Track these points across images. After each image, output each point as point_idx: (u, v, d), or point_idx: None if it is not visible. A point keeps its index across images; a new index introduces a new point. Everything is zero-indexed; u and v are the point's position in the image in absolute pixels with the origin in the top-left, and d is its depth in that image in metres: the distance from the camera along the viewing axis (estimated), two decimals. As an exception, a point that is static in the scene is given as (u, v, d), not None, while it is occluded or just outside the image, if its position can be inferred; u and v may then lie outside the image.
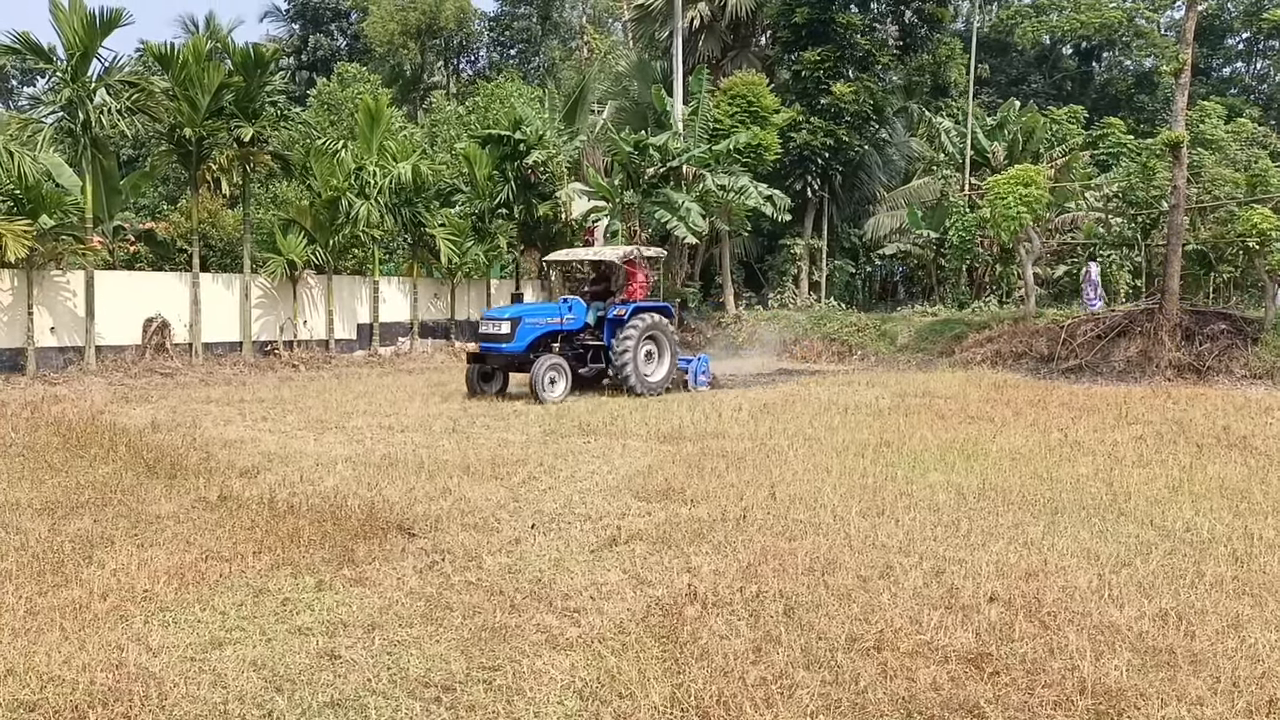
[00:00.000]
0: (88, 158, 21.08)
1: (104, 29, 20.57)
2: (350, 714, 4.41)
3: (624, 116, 32.72)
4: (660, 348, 18.05)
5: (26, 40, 21.05)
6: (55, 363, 20.61)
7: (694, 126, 28.53)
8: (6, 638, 5.15)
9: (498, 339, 16.96)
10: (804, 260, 33.91)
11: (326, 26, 54.05)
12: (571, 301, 17.92)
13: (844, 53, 32.34)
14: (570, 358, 17.45)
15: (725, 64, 35.20)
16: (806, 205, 33.35)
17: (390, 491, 8.92)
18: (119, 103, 20.94)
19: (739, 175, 27.58)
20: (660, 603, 5.83)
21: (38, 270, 20.30)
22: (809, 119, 31.94)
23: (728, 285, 32.26)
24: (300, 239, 24.11)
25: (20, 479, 9.35)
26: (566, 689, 4.65)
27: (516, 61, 56.67)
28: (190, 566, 6.46)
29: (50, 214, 20.02)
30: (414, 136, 32.35)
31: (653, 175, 27.44)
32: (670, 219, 26.23)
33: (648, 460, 10.63)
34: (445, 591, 6.09)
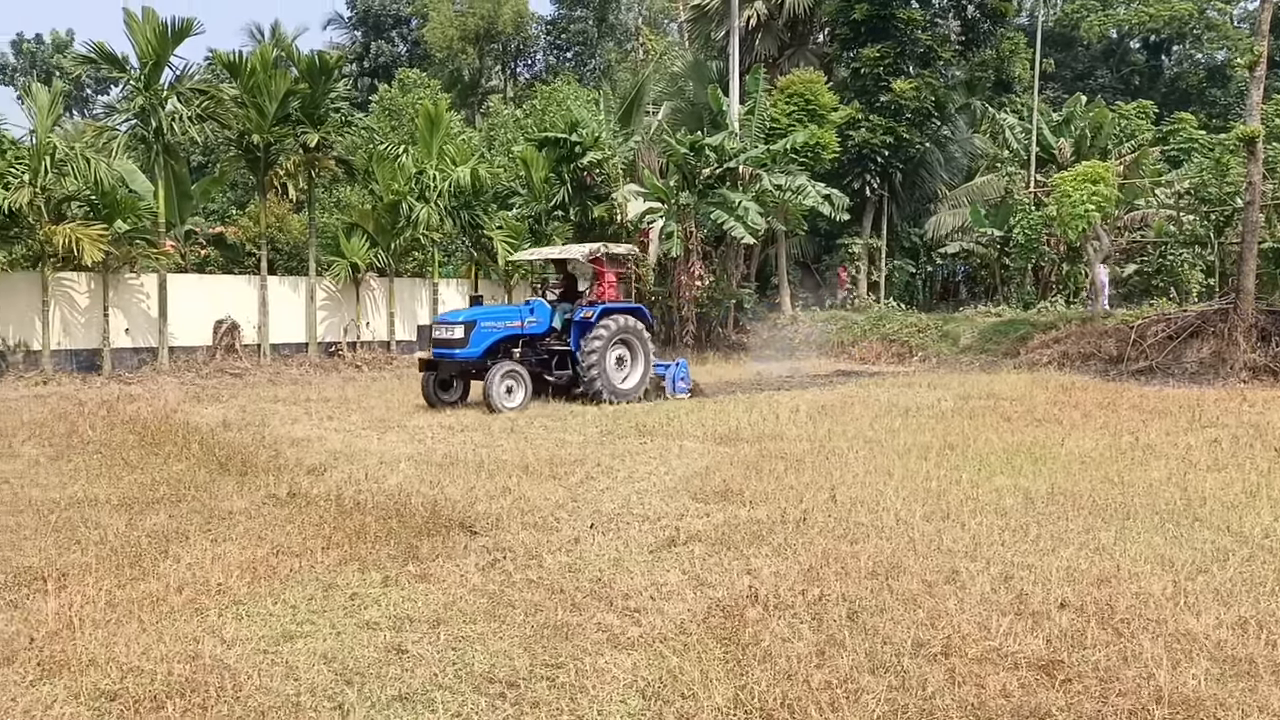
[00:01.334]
0: (160, 164, 21.65)
1: (175, 38, 21.11)
2: (418, 708, 4.50)
3: (680, 117, 32.71)
4: (633, 353, 16.91)
5: (102, 50, 21.69)
6: (130, 363, 21.18)
7: (750, 126, 28.45)
8: (88, 629, 5.32)
9: (450, 344, 15.80)
10: (862, 260, 33.64)
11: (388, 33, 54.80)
12: (534, 303, 16.92)
13: (904, 49, 32.02)
14: (534, 364, 16.47)
15: (782, 62, 35.04)
16: (865, 204, 33.08)
17: (452, 490, 9.04)
18: (189, 110, 21.48)
19: (796, 174, 27.44)
20: (721, 604, 5.84)
21: (113, 274, 20.91)
22: (868, 116, 31.68)
23: (784, 286, 32.10)
24: (363, 242, 24.51)
25: (99, 475, 9.65)
26: (629, 688, 4.69)
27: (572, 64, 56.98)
28: (262, 561, 6.62)
29: (125, 219, 20.60)
30: (472, 140, 32.67)
31: (709, 176, 27.40)
32: (726, 219, 26.17)
33: (705, 461, 10.63)
34: (507, 589, 6.16)
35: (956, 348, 26.48)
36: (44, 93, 21.42)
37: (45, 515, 7.99)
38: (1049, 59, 45.92)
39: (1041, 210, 27.49)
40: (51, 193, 19.56)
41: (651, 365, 17.17)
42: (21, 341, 20.10)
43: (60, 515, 7.98)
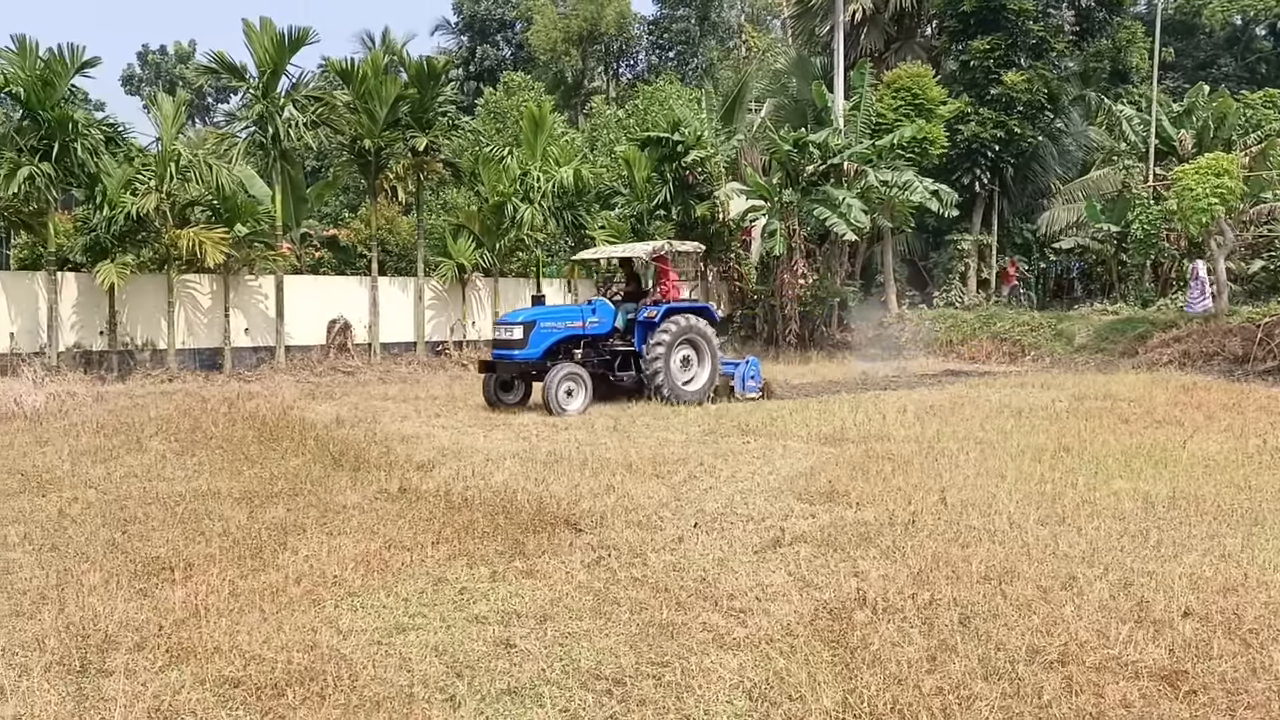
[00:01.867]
0: (277, 169, 22.43)
1: (292, 47, 21.82)
2: (526, 702, 4.56)
3: (782, 114, 32.45)
4: (699, 353, 16.50)
5: (222, 60, 22.58)
6: (249, 361, 22.00)
7: (855, 122, 28.06)
8: (213, 617, 5.54)
9: (510, 345, 15.54)
10: (972, 257, 32.85)
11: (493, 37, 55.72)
12: (597, 303, 16.61)
13: (1015, 40, 31.14)
14: (596, 365, 16.09)
15: (888, 57, 34.49)
16: (975, 200, 32.30)
17: (556, 487, 9.14)
18: (305, 116, 22.19)
19: (903, 170, 26.96)
20: (828, 606, 5.77)
21: (233, 275, 21.75)
22: (978, 110, 30.91)
23: (890, 284, 31.56)
24: (469, 243, 24.98)
25: (221, 469, 10.05)
26: (735, 688, 4.67)
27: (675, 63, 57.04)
28: (375, 554, 6.80)
29: (244, 222, 21.40)
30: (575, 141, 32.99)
31: (812, 173, 27.12)
32: (830, 216, 25.86)
33: (810, 462, 10.53)
34: (612, 587, 6.20)
35: (1071, 347, 25.68)
36: (168, 102, 22.38)
37: (172, 507, 8.35)
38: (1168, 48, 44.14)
39: (1161, 204, 26.42)
40: (176, 198, 20.42)
41: (718, 365, 16.77)
42: (149, 341, 21.05)
43: (186, 507, 8.33)
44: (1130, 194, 29.87)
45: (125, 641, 5.17)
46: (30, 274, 20.59)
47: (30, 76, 18.90)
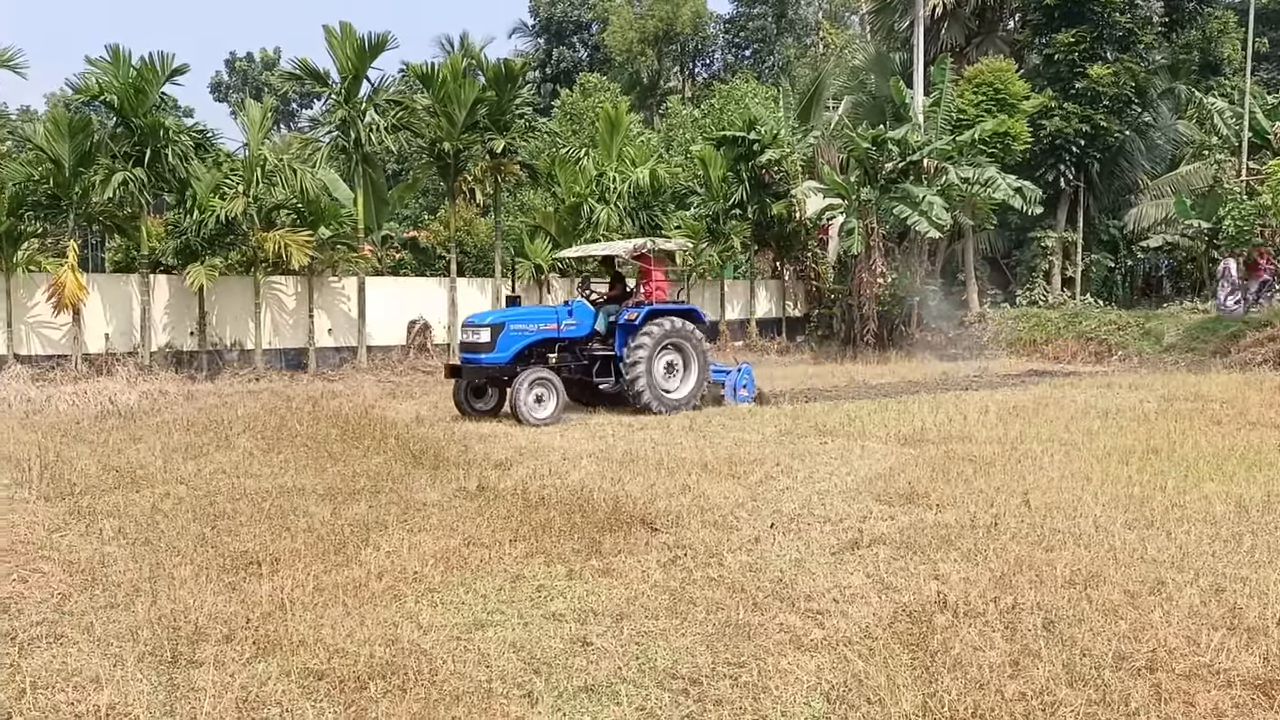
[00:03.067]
0: (359, 172, 22.88)
1: (372, 52, 22.24)
2: (603, 699, 4.57)
3: (860, 111, 32.08)
4: (685, 358, 15.47)
5: (305, 66, 23.12)
6: (332, 361, 22.48)
7: (935, 118, 27.62)
8: (298, 611, 5.67)
9: (476, 348, 14.56)
10: (1056, 255, 32.08)
11: (569, 39, 56.08)
12: (574, 305, 15.58)
13: (1101, 32, 30.31)
14: (574, 370, 15.19)
15: (969, 51, 33.85)
16: (1059, 196, 31.52)
17: (632, 486, 9.16)
18: (385, 120, 22.59)
19: (985, 167, 26.45)
20: (907, 609, 5.69)
21: (317, 277, 22.24)
22: (1062, 105, 30.15)
23: (971, 282, 30.99)
24: (545, 244, 25.20)
25: (305, 467, 10.28)
26: (813, 690, 4.62)
27: (751, 62, 56.79)
28: (454, 551, 6.89)
29: (328, 225, 21.88)
30: (651, 141, 33.06)
31: (891, 170, 26.77)
32: (910, 214, 25.50)
33: (888, 463, 10.38)
34: (688, 586, 6.19)
35: (1159, 346, 24.94)
36: (255, 108, 22.98)
37: (259, 503, 8.57)
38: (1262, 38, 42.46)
39: (1255, 199, 25.48)
40: (263, 202, 20.96)
41: (707, 372, 15.73)
42: (237, 341, 21.65)
43: (272, 504, 8.53)
44: (1222, 189, 28.88)
45: (214, 633, 5.31)
46: (124, 276, 21.31)
47: (123, 85, 19.57)
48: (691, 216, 27.43)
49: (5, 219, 18.77)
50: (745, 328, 29.18)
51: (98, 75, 20.02)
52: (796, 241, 29.72)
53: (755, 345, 28.45)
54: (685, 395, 15.34)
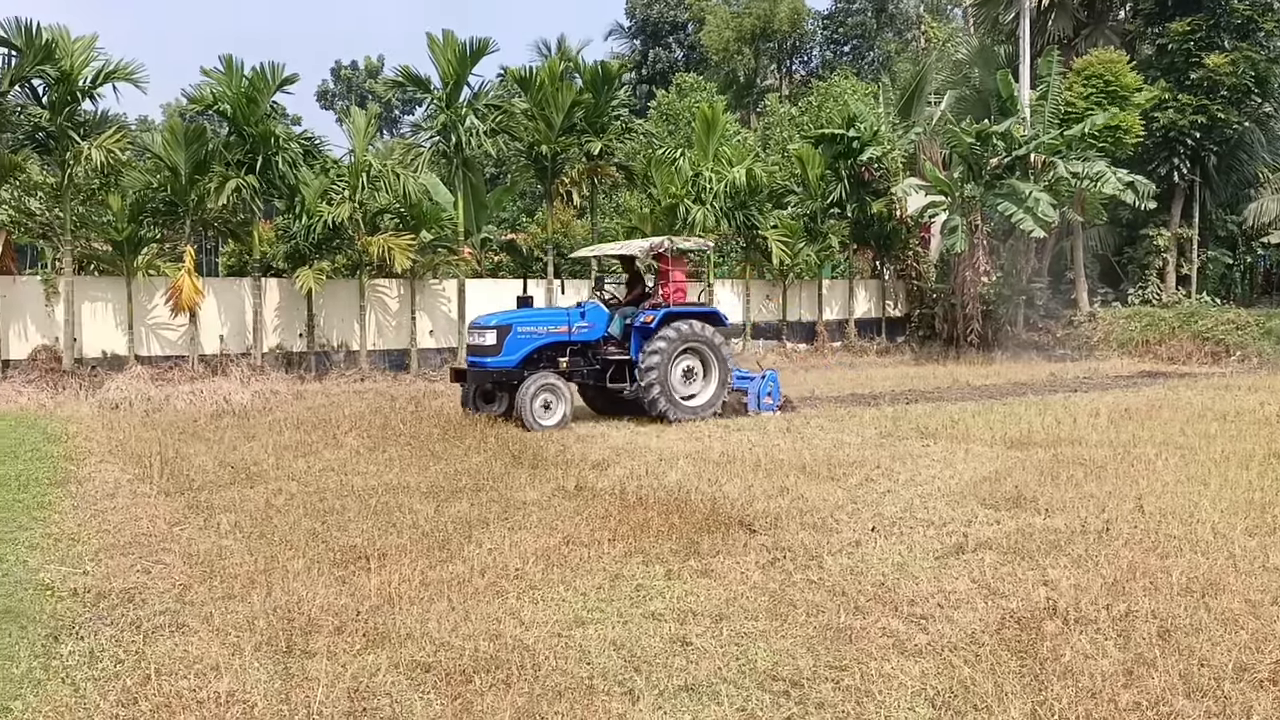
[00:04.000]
0: (459, 176, 23.31)
1: (473, 58, 22.62)
2: (704, 699, 4.57)
3: (964, 106, 31.40)
4: (705, 364, 14.77)
5: (408, 73, 23.65)
6: (433, 362, 22.94)
7: (1042, 112, 26.87)
8: (405, 605, 5.81)
9: (483, 351, 14.09)
10: (1170, 251, 30.91)
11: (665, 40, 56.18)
12: (587, 306, 15.02)
13: (1218, 20, 29.10)
14: (587, 375, 14.69)
15: (1078, 43, 32.81)
16: (1173, 191, 30.36)
17: (730, 488, 9.14)
18: (485, 124, 22.97)
19: (1094, 161, 25.62)
20: (1015, 615, 5.55)
21: (418, 279, 22.73)
22: (1176, 96, 29.03)
23: (1080, 280, 30.05)
24: (642, 245, 25.23)
25: (409, 465, 10.52)
26: (917, 695, 4.55)
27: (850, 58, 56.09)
28: (554, 550, 6.97)
29: (429, 229, 22.35)
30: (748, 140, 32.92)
31: (996, 166, 26.13)
32: (1015, 211, 24.86)
33: (994, 466, 10.15)
34: (788, 588, 6.15)
35: (1282, 346, 23.87)
36: (361, 115, 23.60)
37: (365, 500, 8.80)
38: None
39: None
40: (367, 207, 21.51)
41: (729, 378, 14.91)
42: (343, 342, 22.26)
43: (378, 500, 8.76)
44: (1352, 181, 27.46)
45: (326, 625, 5.48)
46: (237, 280, 22.12)
47: (236, 94, 20.29)
48: (789, 216, 27.21)
49: (126, 225, 19.65)
50: (844, 328, 28.84)
51: (212, 85, 20.82)
52: (897, 240, 29.24)
53: (854, 346, 28.11)
54: (704, 402, 14.65)
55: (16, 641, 5.37)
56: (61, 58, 18.23)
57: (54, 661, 5.08)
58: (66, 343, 18.98)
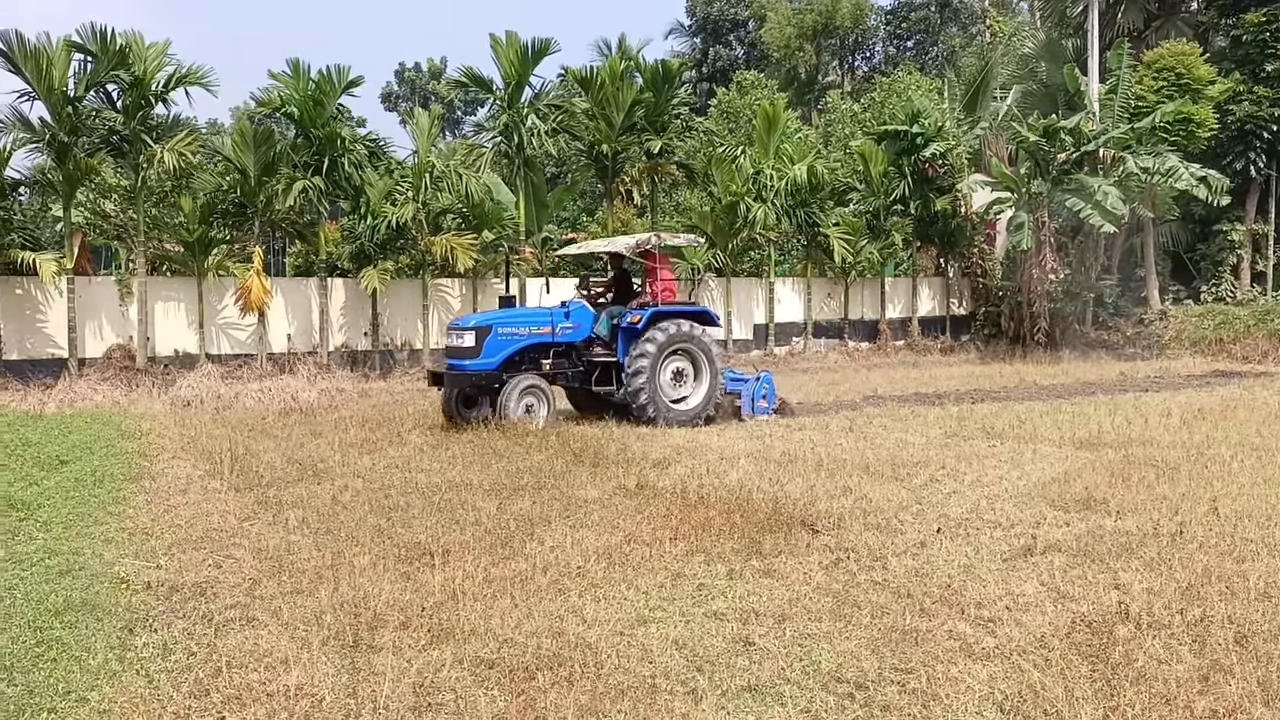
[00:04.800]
0: (521, 176, 23.47)
1: (534, 58, 22.76)
2: (767, 700, 4.54)
3: (1030, 101, 30.82)
4: (695, 365, 14.16)
5: (470, 74, 23.86)
6: (494, 360, 23.09)
7: (1112, 106, 26.30)
8: (468, 601, 5.86)
9: (461, 353, 13.48)
10: (1245, 248, 30.04)
11: (726, 37, 56.01)
12: (572, 306, 14.29)
13: (1295, 10, 28.22)
14: (571, 378, 14.16)
15: (1148, 36, 32.06)
16: (1249, 186, 29.50)
17: (792, 487, 9.07)
18: (546, 124, 23.10)
19: (1166, 156, 24.99)
20: (1086, 619, 5.43)
21: (480, 279, 22.93)
22: (1251, 89, 28.20)
23: (1151, 278, 29.35)
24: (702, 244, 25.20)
25: (472, 463, 10.61)
26: (985, 700, 4.47)
27: (913, 53, 55.38)
28: (616, 548, 6.98)
29: (491, 229, 22.54)
30: (809, 138, 32.68)
31: (1064, 161, 25.64)
32: (1084, 207, 24.36)
33: (1063, 467, 9.95)
34: (852, 589, 6.09)
35: (1366, 345, 23.08)
36: (425, 116, 23.86)
37: (429, 497, 8.90)
38: None
39: None
40: (431, 207, 21.76)
41: (719, 380, 14.29)
42: (406, 341, 22.54)
43: (442, 497, 8.85)
44: None
45: (392, 620, 5.54)
46: (304, 280, 22.50)
47: (303, 97, 20.66)
48: (851, 213, 26.98)
49: (197, 226, 20.10)
50: (907, 327, 28.51)
51: (279, 89, 21.21)
52: (962, 237, 28.82)
53: (917, 345, 27.78)
54: (695, 406, 14.06)
55: (93, 633, 5.52)
56: (135, 63, 18.68)
57: (129, 653, 5.21)
58: (140, 341, 19.48)
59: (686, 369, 14.17)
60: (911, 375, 21.96)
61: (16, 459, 11.34)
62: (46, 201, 21.25)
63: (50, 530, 7.96)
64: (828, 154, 30.17)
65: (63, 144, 18.16)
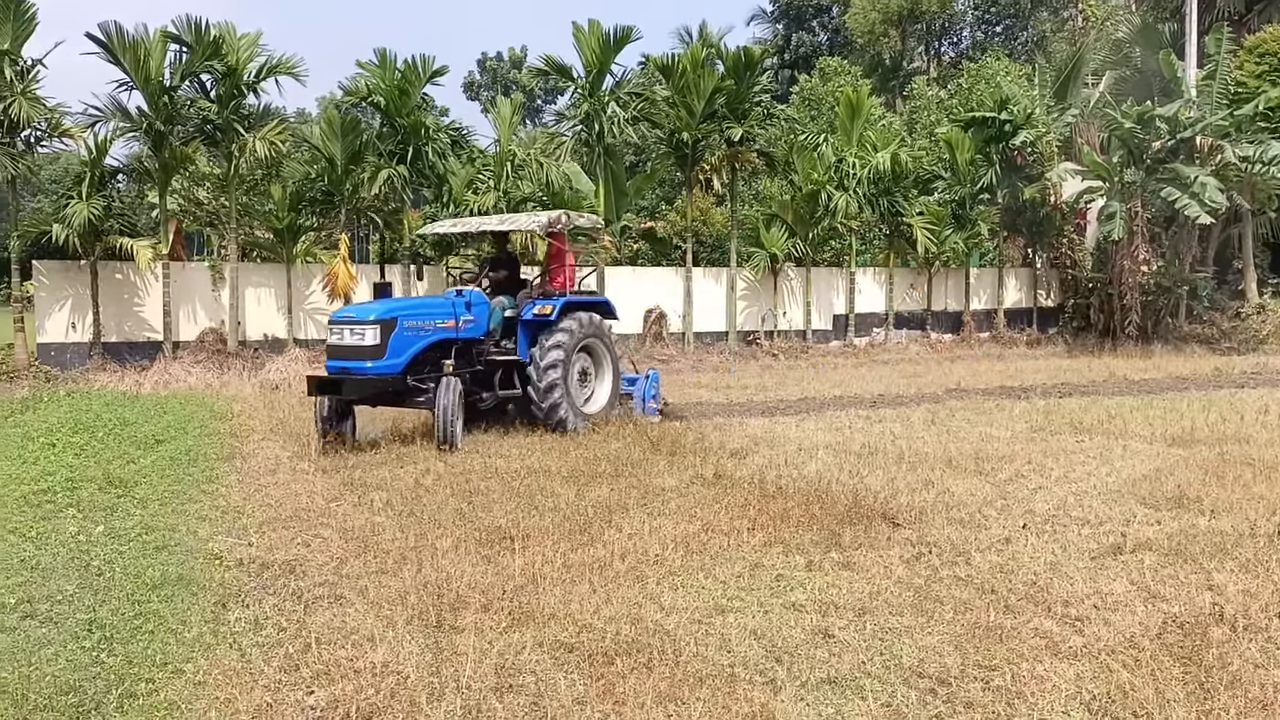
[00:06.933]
0: (601, 164, 23.54)
1: (616, 46, 22.78)
2: (847, 693, 4.51)
3: (1124, 87, 29.89)
4: (597, 362, 12.79)
5: (552, 62, 23.97)
6: (572, 348, 23.24)
7: (1209, 92, 25.37)
8: (548, 586, 5.92)
9: (358, 353, 10.99)
10: (1354, 240, 28.80)
11: (808, 23, 55.38)
12: (470, 295, 11.98)
13: None
14: (472, 380, 11.98)
15: (1250, 19, 30.89)
16: (1359, 174, 28.22)
17: (871, 480, 8.98)
18: (626, 113, 23.10)
19: (1267, 144, 24.03)
20: (1177, 620, 5.29)
21: (559, 266, 23.05)
22: (1363, 73, 26.96)
23: (1249, 270, 28.27)
24: (781, 232, 25.02)
25: (550, 449, 10.70)
26: (1072, 699, 4.38)
27: (1002, 38, 54.10)
28: (693, 537, 6.99)
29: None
30: (893, 125, 32.11)
31: (1159, 149, 24.83)
32: (1179, 197, 23.57)
33: (1154, 464, 9.68)
34: (934, 584, 6.01)
35: None
36: (506, 105, 24.08)
37: (509, 482, 9.01)
38: None
39: None
40: (511, 195, 21.94)
41: (620, 376, 13.16)
42: (487, 328, 22.77)
43: (520, 483, 8.95)
44: None
45: (473, 602, 5.63)
46: (388, 267, 22.88)
47: (389, 87, 20.99)
48: (935, 202, 26.48)
49: (286, 214, 20.59)
50: (992, 318, 27.93)
51: (366, 78, 21.57)
52: (1050, 227, 28.09)
53: (1002, 337, 27.18)
54: (601, 408, 12.63)
55: (188, 607, 5.71)
56: (228, 53, 19.18)
57: (222, 627, 5.38)
58: (231, 326, 20.04)
59: (589, 367, 12.77)
60: (996, 368, 21.54)
61: (115, 438, 11.78)
62: (143, 189, 21.92)
63: (147, 507, 8.26)
64: (912, 142, 29.60)
65: (159, 133, 18.74)
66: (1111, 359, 23.43)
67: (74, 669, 4.82)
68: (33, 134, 18.51)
